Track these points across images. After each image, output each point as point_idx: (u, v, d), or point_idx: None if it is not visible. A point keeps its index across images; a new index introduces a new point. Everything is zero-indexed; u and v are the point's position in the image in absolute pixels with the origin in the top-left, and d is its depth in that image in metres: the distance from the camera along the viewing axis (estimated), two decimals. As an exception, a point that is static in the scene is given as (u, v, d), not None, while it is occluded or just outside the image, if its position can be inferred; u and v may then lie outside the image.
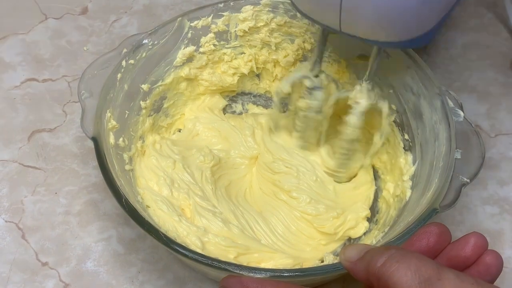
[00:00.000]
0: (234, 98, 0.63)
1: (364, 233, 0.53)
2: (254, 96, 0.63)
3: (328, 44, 0.54)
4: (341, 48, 0.57)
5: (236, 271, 0.41)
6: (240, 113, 0.62)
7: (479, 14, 0.71)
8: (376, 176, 0.57)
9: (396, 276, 0.34)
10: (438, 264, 0.34)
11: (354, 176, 0.57)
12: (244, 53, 0.60)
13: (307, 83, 0.53)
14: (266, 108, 0.62)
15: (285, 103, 0.57)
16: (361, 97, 0.51)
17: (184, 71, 0.58)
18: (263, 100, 0.63)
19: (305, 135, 0.57)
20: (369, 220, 0.54)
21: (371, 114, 0.53)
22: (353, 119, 0.51)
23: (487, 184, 0.59)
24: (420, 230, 0.39)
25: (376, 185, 0.56)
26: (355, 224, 0.54)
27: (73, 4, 0.71)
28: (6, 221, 0.55)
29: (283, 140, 0.58)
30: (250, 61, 0.60)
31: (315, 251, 0.52)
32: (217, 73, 0.60)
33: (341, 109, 0.55)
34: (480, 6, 0.72)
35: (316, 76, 0.53)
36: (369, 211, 0.54)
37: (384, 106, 0.52)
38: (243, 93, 0.63)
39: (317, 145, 0.57)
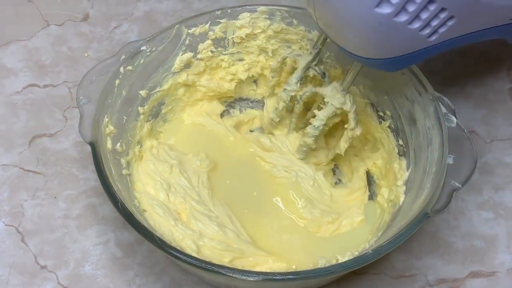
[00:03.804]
0: (232, 103, 0.63)
1: (359, 238, 0.54)
2: (252, 101, 0.64)
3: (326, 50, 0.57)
4: (338, 55, 0.58)
5: (229, 274, 0.42)
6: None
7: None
8: (371, 181, 0.57)
9: None
10: None
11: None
12: (243, 60, 0.61)
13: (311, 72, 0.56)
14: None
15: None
16: (331, 97, 0.52)
17: (182, 77, 0.59)
18: (261, 105, 0.63)
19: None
20: (364, 225, 0.55)
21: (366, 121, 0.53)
22: (320, 114, 0.53)
23: (482, 189, 0.59)
24: None
25: (371, 190, 0.57)
26: (350, 229, 0.54)
27: (75, 11, 0.72)
28: (6, 225, 0.56)
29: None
30: (248, 69, 0.61)
31: (309, 255, 0.53)
32: (215, 79, 0.61)
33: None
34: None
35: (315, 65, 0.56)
36: (364, 216, 0.55)
37: (351, 118, 0.52)
38: (241, 99, 0.63)
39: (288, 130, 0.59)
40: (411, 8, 0.41)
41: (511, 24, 0.48)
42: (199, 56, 0.59)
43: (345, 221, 0.54)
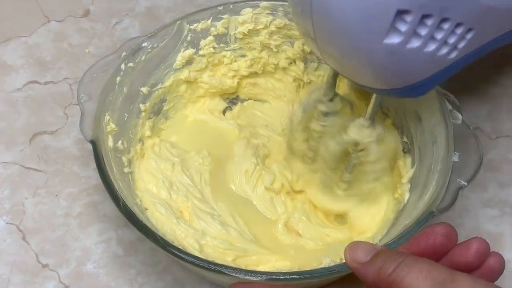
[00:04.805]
0: (234, 100, 0.63)
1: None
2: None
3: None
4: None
5: (232, 273, 0.42)
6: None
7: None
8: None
9: (407, 281, 0.33)
10: (449, 268, 0.34)
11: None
12: (246, 56, 0.60)
13: (321, 107, 0.51)
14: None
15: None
16: (358, 136, 0.49)
17: (184, 74, 0.58)
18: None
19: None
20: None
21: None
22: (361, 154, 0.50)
23: (487, 186, 0.58)
24: (427, 229, 0.38)
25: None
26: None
27: (75, 7, 0.72)
28: (7, 223, 0.56)
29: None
30: (251, 66, 0.60)
31: (313, 253, 0.52)
32: (217, 75, 0.60)
33: None
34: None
35: (331, 100, 0.50)
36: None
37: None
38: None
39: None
40: (423, 32, 0.38)
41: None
42: (201, 52, 0.58)
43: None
